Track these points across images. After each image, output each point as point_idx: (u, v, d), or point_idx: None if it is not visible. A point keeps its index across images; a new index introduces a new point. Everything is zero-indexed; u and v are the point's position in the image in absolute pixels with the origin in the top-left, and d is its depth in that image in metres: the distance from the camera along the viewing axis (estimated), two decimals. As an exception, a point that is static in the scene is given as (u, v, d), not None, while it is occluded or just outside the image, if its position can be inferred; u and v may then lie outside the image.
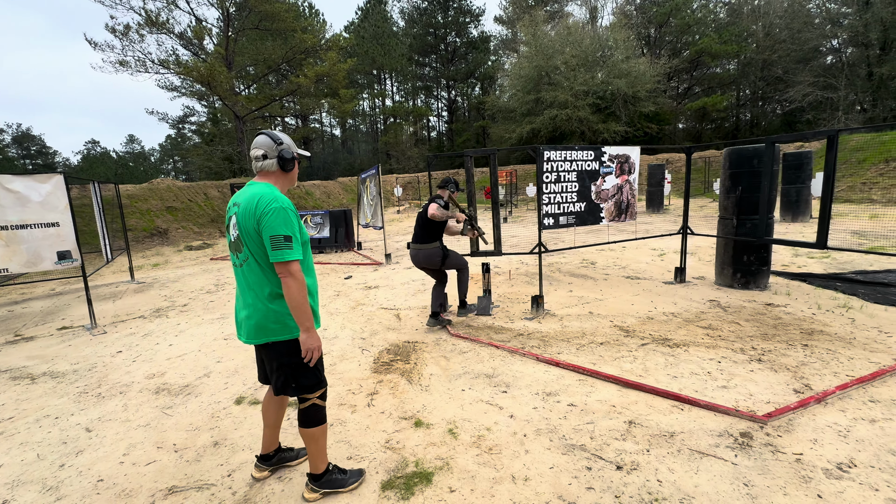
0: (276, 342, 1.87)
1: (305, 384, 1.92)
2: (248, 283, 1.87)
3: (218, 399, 3.11)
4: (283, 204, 1.77)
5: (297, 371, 1.90)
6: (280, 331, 1.85)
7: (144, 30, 16.19)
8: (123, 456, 2.47)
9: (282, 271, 1.75)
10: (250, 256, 1.83)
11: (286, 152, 1.91)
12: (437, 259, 4.12)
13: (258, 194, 1.79)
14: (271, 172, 1.92)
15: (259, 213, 1.75)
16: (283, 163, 1.90)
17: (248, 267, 1.86)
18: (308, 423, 1.97)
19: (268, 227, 1.73)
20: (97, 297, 6.69)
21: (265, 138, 1.90)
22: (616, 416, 2.58)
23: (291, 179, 2.02)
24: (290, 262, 1.75)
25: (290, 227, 1.76)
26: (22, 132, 53.21)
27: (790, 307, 4.42)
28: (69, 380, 3.59)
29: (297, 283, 1.76)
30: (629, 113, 24.28)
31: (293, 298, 1.75)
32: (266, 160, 1.89)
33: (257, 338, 1.87)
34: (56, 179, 4.63)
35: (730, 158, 5.11)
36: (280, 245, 1.73)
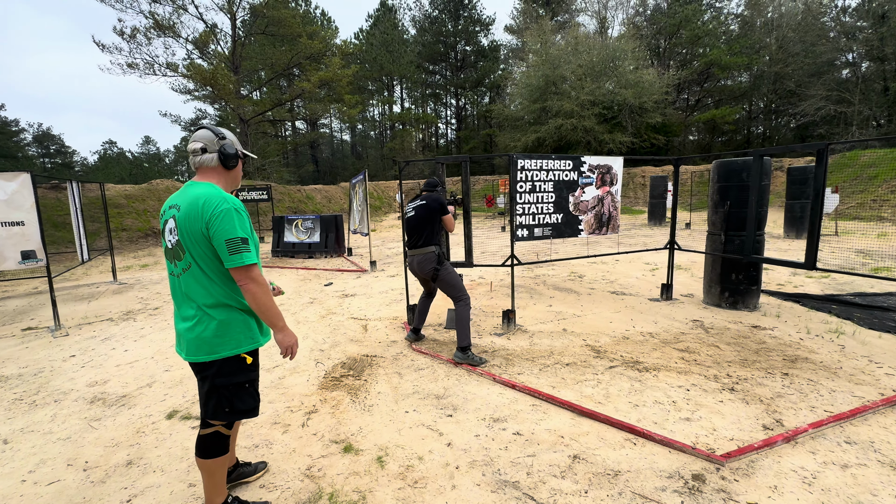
0: (216, 360, 1.69)
1: (241, 408, 1.76)
2: (189, 294, 1.69)
3: (150, 412, 2.94)
4: (233, 205, 1.63)
5: (234, 393, 1.74)
6: (219, 346, 1.68)
7: (152, 33, 16.46)
8: (28, 473, 2.31)
9: (241, 277, 1.62)
10: (193, 264, 1.66)
11: (228, 147, 1.76)
12: (432, 266, 3.55)
13: (203, 195, 1.62)
14: (212, 169, 1.75)
15: (208, 216, 1.58)
16: (224, 158, 1.74)
17: (191, 275, 1.67)
18: (206, 453, 1.77)
19: (221, 231, 1.58)
20: (75, 298, 6.62)
21: (205, 131, 1.75)
22: (562, 449, 2.36)
23: (235, 179, 1.85)
24: (249, 265, 1.62)
25: (244, 228, 1.63)
26: (42, 132, 54.45)
27: (777, 331, 4.15)
28: (10, 385, 3.47)
29: (260, 286, 1.65)
30: (636, 124, 23.98)
31: (260, 302, 1.65)
32: (205, 154, 1.73)
33: (198, 354, 1.67)
34: (23, 178, 4.57)
35: (718, 172, 4.87)
36: (238, 249, 1.59)
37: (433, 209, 3.57)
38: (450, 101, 45.32)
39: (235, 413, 1.76)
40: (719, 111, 26.18)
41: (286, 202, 17.60)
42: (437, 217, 3.58)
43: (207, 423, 1.78)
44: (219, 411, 1.74)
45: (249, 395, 1.79)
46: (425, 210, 3.58)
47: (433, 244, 3.56)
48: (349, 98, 23.60)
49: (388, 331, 4.54)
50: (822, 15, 26.52)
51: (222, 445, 1.80)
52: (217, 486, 1.84)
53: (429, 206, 3.58)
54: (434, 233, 3.58)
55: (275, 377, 3.45)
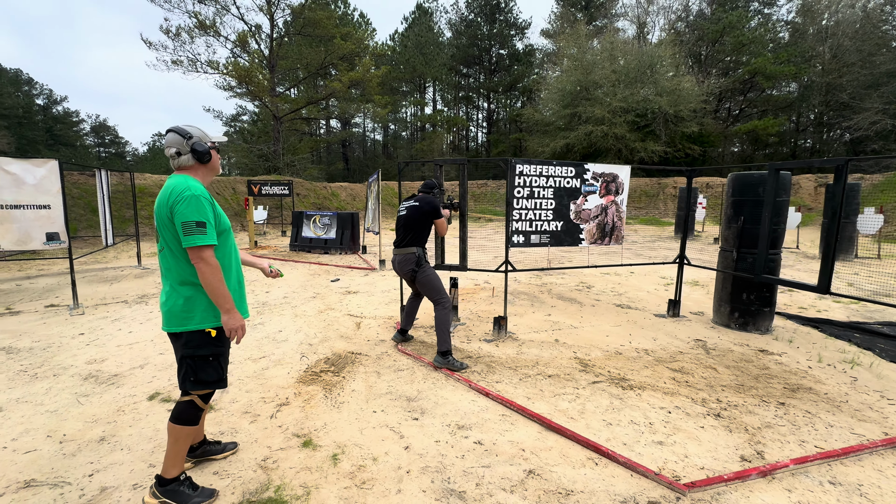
0: (182, 332, 1.86)
1: (205, 379, 1.91)
2: (164, 272, 1.90)
3: (134, 392, 3.07)
4: (195, 192, 1.77)
5: (198, 364, 1.89)
6: (186, 320, 1.84)
7: (195, 32, 17.33)
8: (11, 441, 2.46)
9: (194, 257, 1.75)
10: (165, 246, 1.85)
11: (199, 145, 1.89)
12: (410, 267, 3.52)
13: (171, 185, 1.81)
14: (190, 167, 1.92)
15: (171, 202, 1.76)
16: (198, 156, 1.90)
17: (164, 256, 1.88)
18: (178, 419, 1.91)
19: (179, 214, 1.74)
20: (100, 279, 7.02)
21: (173, 135, 1.88)
22: (519, 463, 2.29)
23: (213, 168, 2.00)
24: (202, 247, 1.74)
25: (202, 213, 1.76)
26: (99, 123, 58.19)
27: (785, 356, 3.89)
28: (19, 357, 3.71)
29: (210, 267, 1.76)
30: (670, 132, 23.13)
31: (209, 283, 1.77)
32: (181, 157, 1.89)
33: (170, 325, 1.87)
34: (51, 164, 4.89)
35: (733, 185, 4.62)
36: (192, 231, 1.73)
37: (425, 211, 3.55)
38: (482, 104, 45.27)
39: (200, 383, 1.90)
40: (762, 122, 24.89)
41: (311, 198, 18.05)
42: (427, 220, 3.57)
43: (186, 392, 1.93)
44: (185, 381, 1.90)
45: (213, 367, 1.92)
46: (416, 211, 3.56)
47: (416, 245, 3.54)
48: (379, 98, 23.98)
49: (379, 330, 4.56)
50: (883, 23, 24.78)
51: (194, 416, 1.93)
52: (176, 456, 1.93)
53: (420, 208, 3.56)
54: (421, 234, 3.56)
55: (258, 368, 3.53)
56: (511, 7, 40.36)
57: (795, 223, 10.86)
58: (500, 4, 39.93)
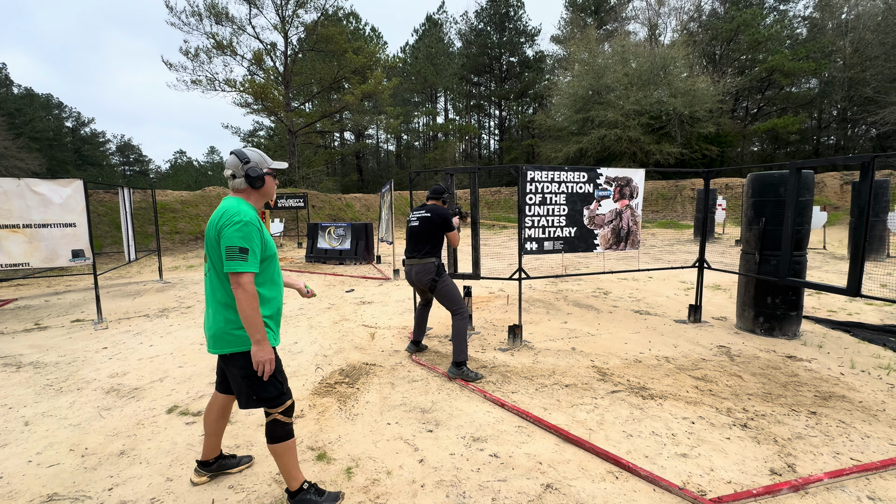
0: (233, 353, 1.88)
1: (266, 397, 1.91)
2: (211, 294, 1.92)
3: (154, 406, 3.12)
4: (244, 218, 1.80)
5: (255, 384, 1.89)
6: (235, 342, 1.87)
7: (213, 52, 17.92)
8: (36, 454, 2.52)
9: (232, 282, 1.77)
10: (212, 268, 1.89)
11: (252, 171, 1.92)
12: (430, 277, 3.49)
13: (224, 208, 1.86)
14: (242, 190, 1.95)
15: (220, 225, 1.80)
16: (250, 181, 1.92)
17: (210, 277, 1.91)
18: (272, 439, 1.95)
19: (225, 238, 1.77)
20: (123, 294, 7.22)
21: (232, 158, 1.93)
22: (536, 476, 2.23)
23: (265, 194, 2.03)
24: (240, 273, 1.76)
25: (247, 240, 1.78)
26: (124, 142, 60.47)
27: (815, 363, 3.72)
28: (46, 371, 3.82)
29: (246, 294, 1.76)
30: (686, 134, 22.74)
31: (243, 310, 1.77)
32: (235, 180, 1.93)
33: (216, 348, 1.90)
34: (76, 184, 5.07)
35: (753, 185, 4.50)
36: (234, 256, 1.75)
37: (437, 224, 3.53)
38: (493, 111, 45.42)
39: (262, 401, 1.91)
40: (781, 120, 24.26)
41: (326, 209, 18.30)
42: (439, 232, 3.55)
43: (267, 412, 1.95)
44: (249, 402, 1.91)
45: (271, 384, 1.91)
46: (429, 223, 3.54)
47: (434, 255, 3.53)
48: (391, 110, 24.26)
49: (394, 340, 4.55)
50: (907, 14, 23.97)
51: (285, 431, 1.95)
52: (291, 469, 1.98)
53: (432, 220, 3.54)
54: (435, 246, 3.54)
55: (274, 380, 3.55)
56: (520, 15, 40.56)
57: (821, 223, 10.50)
58: (509, 13, 40.19)
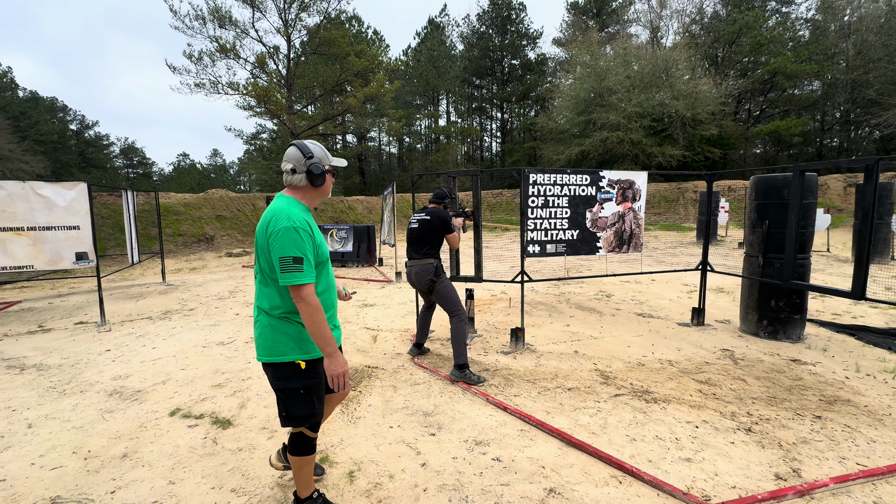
0: (271, 363, 1.76)
1: (295, 414, 1.79)
2: (257, 298, 1.81)
3: (156, 409, 3.12)
4: (294, 223, 1.64)
5: (288, 398, 1.78)
6: (275, 350, 1.74)
7: (216, 56, 18.02)
8: (39, 457, 2.52)
9: (294, 296, 1.65)
10: (261, 271, 1.77)
11: (315, 167, 1.77)
12: (428, 278, 3.54)
13: (274, 211, 1.70)
14: (300, 187, 1.81)
15: (269, 232, 1.65)
16: (311, 178, 1.78)
17: (260, 281, 1.79)
18: (293, 450, 1.88)
19: (276, 249, 1.62)
20: (126, 296, 7.24)
21: (295, 151, 1.78)
22: (539, 481, 2.22)
23: (322, 192, 1.88)
24: (300, 286, 1.62)
25: (300, 247, 1.63)
26: (128, 145, 60.79)
27: (820, 366, 3.70)
28: (49, 374, 3.83)
29: (310, 308, 1.62)
30: (688, 136, 22.70)
31: (309, 324, 1.64)
32: (295, 175, 1.78)
33: (259, 355, 1.78)
34: (80, 187, 5.10)
35: (756, 188, 4.48)
36: (289, 268, 1.61)
37: (436, 226, 3.56)
38: (495, 114, 45.50)
39: (291, 419, 1.79)
40: (784, 123, 24.19)
41: (329, 212, 18.35)
42: (439, 234, 3.57)
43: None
44: (280, 415, 1.81)
45: (304, 401, 1.78)
46: (428, 225, 3.57)
47: (432, 257, 3.54)
48: (393, 113, 24.31)
49: (396, 342, 4.55)
50: (910, 16, 23.91)
51: (308, 446, 1.86)
52: (304, 480, 1.93)
53: (432, 223, 3.57)
54: (434, 247, 3.56)
55: (276, 382, 3.55)
56: (522, 18, 40.67)
57: (825, 225, 10.46)
58: (511, 16, 40.30)
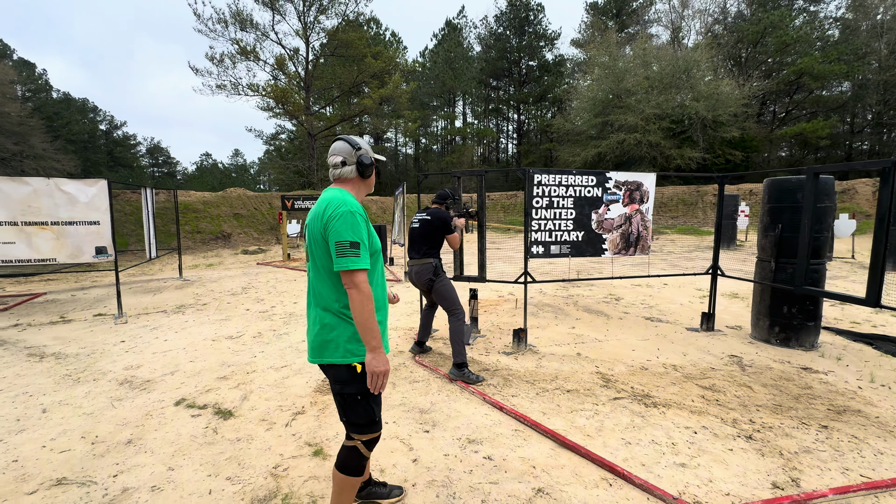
0: (332, 364, 1.65)
1: (354, 421, 1.68)
2: (313, 296, 1.70)
3: (162, 398, 3.23)
4: (352, 208, 1.58)
5: (346, 403, 1.67)
6: (332, 351, 1.63)
7: (237, 58, 18.51)
8: (50, 441, 2.64)
9: (346, 282, 1.55)
10: (315, 266, 1.67)
11: (365, 157, 1.74)
12: (427, 277, 3.58)
13: (329, 199, 1.63)
14: (350, 179, 1.75)
15: (326, 218, 1.58)
16: (361, 169, 1.74)
17: (314, 278, 1.69)
18: (343, 468, 1.71)
19: (334, 233, 1.55)
20: (144, 290, 7.48)
21: (344, 144, 1.74)
22: (528, 480, 2.21)
23: (369, 185, 1.85)
24: (355, 271, 1.53)
25: (357, 233, 1.56)
26: (154, 145, 62.71)
27: (832, 375, 3.58)
28: (66, 362, 3.99)
29: (361, 295, 1.53)
30: (708, 138, 22.19)
31: (358, 313, 1.54)
32: (345, 167, 1.73)
33: (315, 356, 1.67)
34: (101, 184, 5.30)
35: (769, 191, 4.37)
36: (345, 252, 1.53)
37: (436, 226, 3.60)
38: (512, 115, 45.33)
39: (350, 425, 1.69)
40: (810, 125, 23.44)
41: (343, 212, 18.56)
42: (438, 234, 3.60)
43: (349, 436, 1.73)
44: (342, 420, 1.72)
45: (363, 408, 1.66)
46: (428, 226, 3.61)
47: (432, 256, 3.57)
48: (409, 114, 24.50)
49: (399, 341, 4.59)
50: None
51: (358, 465, 1.72)
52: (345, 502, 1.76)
53: (431, 223, 3.61)
54: (434, 246, 3.59)
55: (280, 377, 3.63)
56: (540, 19, 40.44)
57: (850, 231, 10.08)
58: (528, 17, 40.11)
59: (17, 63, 40.79)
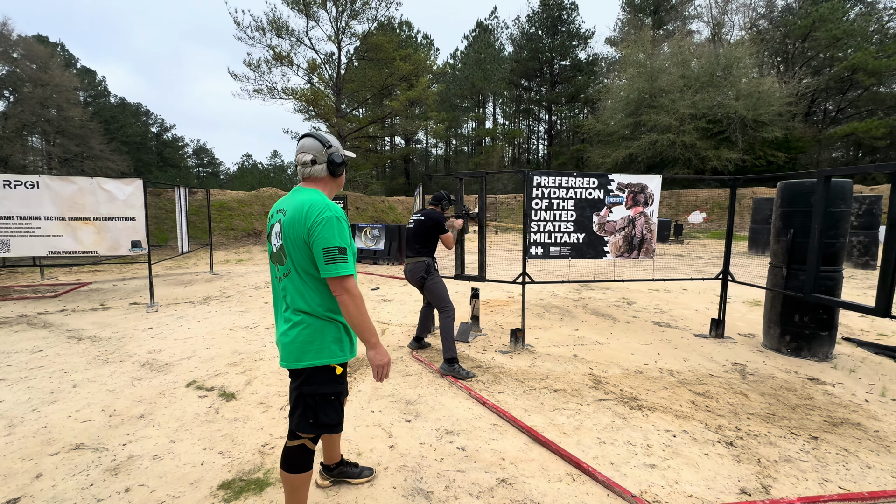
0: (305, 368, 1.64)
1: (326, 422, 1.68)
2: (287, 299, 1.67)
3: (176, 380, 3.52)
4: (335, 213, 1.57)
5: (319, 405, 1.66)
6: (312, 353, 1.63)
7: (272, 63, 19.36)
8: (75, 412, 2.96)
9: (336, 288, 1.57)
10: (293, 269, 1.63)
11: (336, 156, 1.70)
12: (420, 275, 3.73)
13: (308, 202, 1.59)
14: (320, 179, 1.71)
15: (311, 223, 1.55)
16: (333, 167, 1.70)
17: (290, 280, 1.65)
18: (290, 467, 1.70)
19: (321, 239, 1.54)
20: (177, 282, 8.03)
21: (313, 141, 1.69)
22: (495, 471, 2.30)
23: (339, 184, 1.81)
24: (344, 276, 1.56)
25: (343, 238, 1.57)
26: (199, 146, 66.31)
27: (840, 387, 3.43)
28: (99, 345, 4.40)
29: (354, 298, 1.57)
30: (748, 139, 21.13)
31: (353, 316, 1.58)
32: (315, 165, 1.68)
33: (289, 360, 1.64)
34: (137, 183, 5.77)
35: (782, 195, 4.22)
36: (335, 258, 1.54)
37: (429, 227, 3.75)
38: (542, 116, 44.84)
39: (319, 426, 1.68)
40: (863, 124, 21.85)
41: (370, 211, 19.03)
42: (431, 234, 3.75)
43: (295, 434, 1.72)
44: (303, 422, 1.67)
45: (334, 408, 1.70)
46: (422, 226, 3.77)
47: (426, 255, 3.70)
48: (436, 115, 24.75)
49: (402, 337, 4.74)
50: None
51: (307, 461, 1.72)
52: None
53: (425, 223, 3.76)
54: (427, 245, 3.73)
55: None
56: (574, 18, 39.83)
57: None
58: (562, 16, 39.59)
59: (80, 71, 44.29)
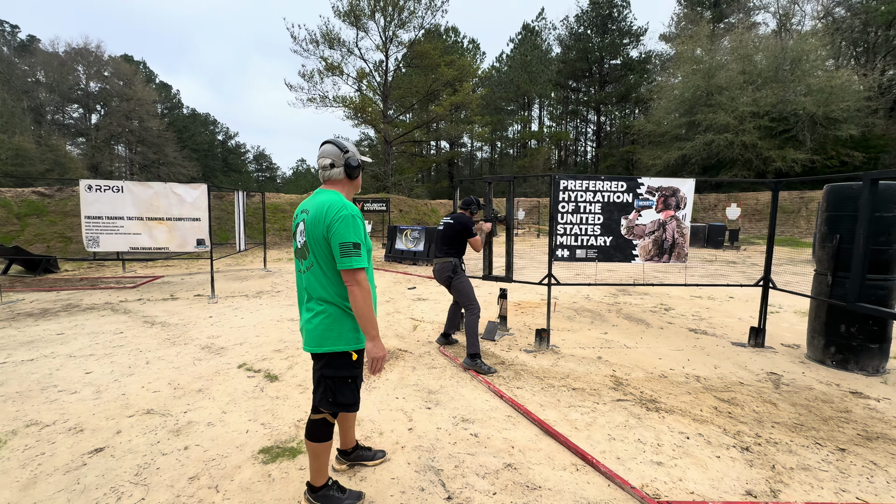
0: (328, 353, 1.85)
1: (343, 402, 1.89)
2: (310, 290, 1.87)
3: (230, 362, 3.98)
4: (351, 212, 1.77)
5: (337, 386, 1.87)
6: (332, 340, 1.83)
7: (324, 73, 20.50)
8: (148, 383, 3.46)
9: (349, 279, 1.74)
10: (315, 263, 1.83)
11: (352, 160, 1.90)
12: (447, 274, 3.94)
13: (327, 202, 1.78)
14: (338, 181, 1.92)
15: (329, 221, 1.74)
16: (349, 171, 1.90)
17: (312, 274, 1.85)
18: (312, 437, 1.94)
19: (337, 235, 1.73)
20: (235, 278, 8.80)
21: (332, 147, 1.89)
22: (503, 457, 2.46)
23: (356, 186, 2.01)
24: (357, 269, 1.73)
25: (358, 234, 1.76)
26: (259, 152, 70.98)
27: (885, 402, 3.24)
28: (168, 330, 5.01)
29: (362, 291, 1.74)
30: (818, 137, 19.40)
31: (359, 306, 1.75)
32: (333, 169, 1.89)
33: (311, 345, 1.85)
34: (202, 188, 6.46)
35: (828, 199, 4.02)
36: (349, 252, 1.72)
37: (457, 230, 3.96)
38: (591, 117, 43.68)
39: (337, 405, 1.88)
40: (962, 119, 19.37)
41: (412, 214, 19.54)
42: (459, 237, 3.95)
43: (318, 409, 1.94)
44: (323, 401, 1.89)
45: (350, 390, 1.90)
46: (451, 230, 3.99)
47: (454, 256, 3.91)
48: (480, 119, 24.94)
49: (432, 333, 4.98)
50: None
51: (327, 432, 1.94)
52: (320, 469, 1.97)
53: (454, 227, 3.98)
54: (455, 247, 3.94)
55: (322, 353, 4.22)
56: (625, 15, 38.54)
57: None
58: (612, 14, 38.44)
59: (159, 86, 48.99)
